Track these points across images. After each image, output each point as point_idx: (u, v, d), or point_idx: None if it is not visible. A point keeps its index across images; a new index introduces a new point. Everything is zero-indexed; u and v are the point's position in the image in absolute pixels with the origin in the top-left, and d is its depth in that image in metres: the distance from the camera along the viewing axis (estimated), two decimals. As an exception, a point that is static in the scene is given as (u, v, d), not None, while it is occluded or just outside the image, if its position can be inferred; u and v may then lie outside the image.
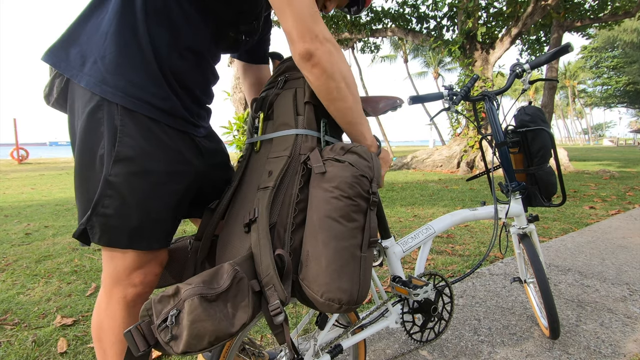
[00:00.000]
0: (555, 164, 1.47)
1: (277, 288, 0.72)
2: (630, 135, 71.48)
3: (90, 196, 0.81)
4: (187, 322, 0.66)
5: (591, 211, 4.27)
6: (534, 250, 1.49)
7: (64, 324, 1.80)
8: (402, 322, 1.19)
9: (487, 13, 9.35)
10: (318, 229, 0.79)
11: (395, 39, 22.25)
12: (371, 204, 0.82)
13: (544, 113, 1.51)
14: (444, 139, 22.61)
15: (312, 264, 0.77)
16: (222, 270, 0.73)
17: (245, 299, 0.72)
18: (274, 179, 0.84)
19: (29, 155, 19.19)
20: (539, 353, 1.50)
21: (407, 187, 6.59)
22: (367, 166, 0.82)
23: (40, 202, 5.67)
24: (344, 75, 0.84)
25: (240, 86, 7.61)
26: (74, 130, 0.84)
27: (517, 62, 1.46)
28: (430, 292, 1.13)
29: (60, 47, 0.83)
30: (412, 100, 1.50)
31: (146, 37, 0.81)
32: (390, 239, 1.16)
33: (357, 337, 1.13)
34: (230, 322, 0.69)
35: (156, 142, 0.82)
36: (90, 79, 0.79)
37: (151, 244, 0.85)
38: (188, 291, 0.69)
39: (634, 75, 34.73)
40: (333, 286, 0.76)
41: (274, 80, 0.99)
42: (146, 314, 0.71)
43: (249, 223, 0.81)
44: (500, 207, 1.44)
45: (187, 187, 0.90)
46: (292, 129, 0.89)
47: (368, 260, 0.81)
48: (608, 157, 14.78)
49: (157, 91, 0.82)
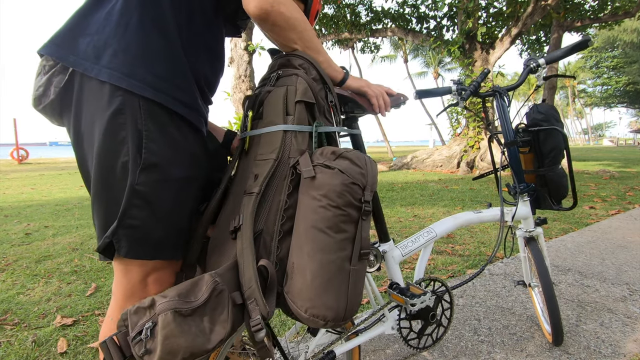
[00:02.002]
0: (567, 166, 1.40)
1: (258, 303, 0.69)
2: (630, 135, 71.45)
3: (114, 207, 0.75)
4: (160, 338, 0.64)
5: (591, 211, 4.27)
6: (540, 254, 1.44)
7: (64, 324, 1.80)
8: (398, 329, 1.14)
9: (487, 13, 9.35)
10: (304, 240, 0.75)
11: (395, 39, 22.25)
12: (363, 214, 0.77)
13: (558, 112, 1.43)
14: (444, 139, 22.61)
15: (297, 276, 0.74)
16: (201, 282, 0.70)
17: (224, 313, 0.69)
18: (259, 183, 0.79)
19: (29, 155, 19.18)
20: (538, 353, 1.50)
21: (407, 187, 6.58)
22: (359, 173, 0.77)
23: (40, 202, 5.66)
24: (298, 20, 0.84)
25: (240, 86, 7.60)
26: (81, 133, 0.77)
27: (531, 56, 1.39)
28: (428, 300, 1.09)
29: (65, 38, 0.76)
30: (419, 94, 1.46)
31: (173, 28, 0.78)
32: (389, 243, 1.13)
33: (351, 344, 1.08)
34: (207, 338, 0.66)
35: (177, 146, 0.79)
36: (113, 72, 0.73)
37: (176, 253, 0.82)
38: (162, 305, 0.66)
39: (634, 75, 34.73)
40: (318, 302, 0.72)
41: (268, 77, 0.94)
42: (122, 325, 0.69)
43: (234, 230, 0.78)
44: (506, 210, 1.37)
45: (202, 191, 0.88)
46: (280, 125, 0.83)
47: (358, 273, 0.77)
48: (608, 157, 14.78)
49: (180, 84, 0.79)
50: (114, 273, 0.87)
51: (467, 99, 1.39)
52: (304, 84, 0.85)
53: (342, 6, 10.38)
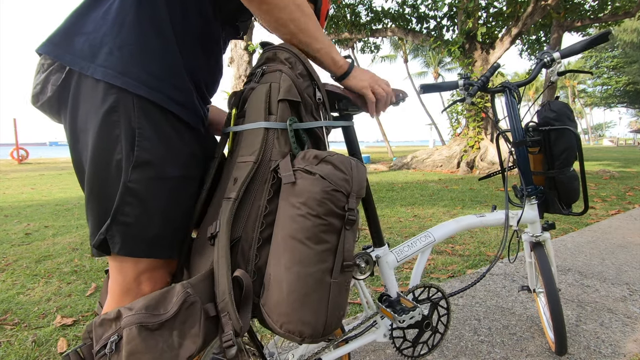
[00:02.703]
0: (579, 169, 1.32)
1: (231, 317, 0.65)
2: (630, 135, 71.47)
3: (107, 203, 0.75)
4: (124, 353, 0.62)
5: (591, 211, 4.26)
6: (547, 260, 1.37)
7: (64, 324, 1.80)
8: (391, 337, 1.07)
9: (487, 13, 9.36)
10: (282, 250, 0.71)
11: (395, 39, 22.25)
12: (347, 223, 0.71)
13: (572, 110, 1.34)
14: (444, 139, 22.60)
15: (274, 289, 0.70)
16: (172, 293, 0.67)
17: (195, 326, 0.65)
18: (237, 188, 0.75)
19: (29, 155, 19.19)
20: (538, 353, 1.50)
21: (407, 187, 6.58)
22: (342, 179, 0.72)
23: (40, 202, 5.66)
24: (296, 3, 0.77)
25: (240, 86, 7.61)
26: (76, 131, 0.77)
27: (546, 49, 1.30)
28: (418, 316, 1.00)
29: (61, 37, 0.76)
30: (424, 89, 1.41)
31: (169, 27, 0.77)
32: (383, 248, 1.07)
33: (340, 351, 1.02)
34: (175, 354, 0.63)
35: (173, 145, 0.78)
36: (108, 70, 0.72)
37: (171, 252, 0.81)
38: (127, 318, 0.64)
39: (634, 75, 34.73)
40: (294, 317, 0.68)
41: (254, 72, 0.89)
42: (87, 337, 0.66)
43: (212, 236, 0.74)
44: (512, 214, 1.29)
45: (199, 190, 0.87)
46: (259, 122, 0.79)
47: (340, 286, 0.72)
48: (608, 157, 14.78)
49: (176, 83, 0.78)
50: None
51: (475, 94, 1.31)
52: (288, 80, 0.80)
53: (342, 6, 10.37)
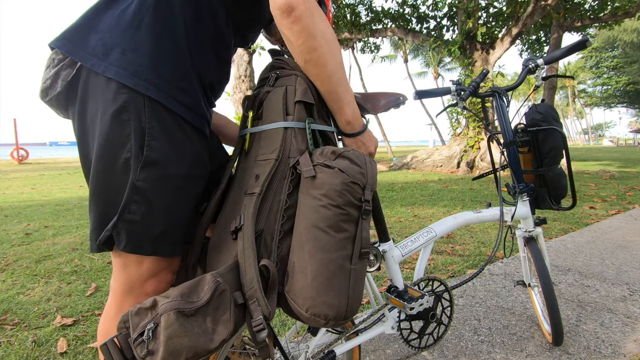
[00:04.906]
0: (566, 166, 1.41)
1: (260, 303, 0.70)
2: (630, 135, 71.47)
3: (113, 200, 0.77)
4: (163, 338, 0.64)
5: (591, 211, 4.27)
6: (540, 254, 1.45)
7: (64, 324, 1.80)
8: (398, 328, 1.14)
9: (487, 13, 9.35)
10: (304, 239, 0.75)
11: (395, 39, 22.25)
12: (363, 213, 0.77)
13: (557, 112, 1.44)
14: (444, 139, 22.60)
15: (298, 276, 0.74)
16: (203, 282, 0.70)
17: (226, 313, 0.69)
18: (261, 184, 0.80)
19: (29, 155, 19.19)
20: (538, 353, 1.50)
21: (407, 187, 6.59)
22: (359, 172, 0.77)
23: (40, 202, 5.66)
24: (325, 35, 0.78)
25: (240, 86, 7.60)
26: (85, 127, 0.78)
27: (530, 56, 1.39)
28: (426, 303, 1.09)
29: (75, 34, 0.77)
30: (418, 95, 1.46)
31: (183, 31, 0.79)
32: (389, 243, 1.13)
33: (351, 343, 1.08)
34: (210, 338, 0.67)
35: (180, 146, 0.80)
36: (120, 70, 0.74)
37: (174, 250, 0.83)
38: (165, 305, 0.66)
39: (634, 75, 34.74)
40: (319, 300, 0.72)
41: (266, 77, 0.94)
42: (123, 326, 0.69)
43: (235, 230, 0.78)
44: (506, 210, 1.38)
45: (204, 191, 0.89)
46: (280, 122, 0.84)
47: (359, 273, 0.77)
48: (608, 157, 14.78)
49: (185, 86, 0.80)
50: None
51: (466, 99, 1.39)
52: (304, 84, 0.85)
53: (342, 6, 10.38)
